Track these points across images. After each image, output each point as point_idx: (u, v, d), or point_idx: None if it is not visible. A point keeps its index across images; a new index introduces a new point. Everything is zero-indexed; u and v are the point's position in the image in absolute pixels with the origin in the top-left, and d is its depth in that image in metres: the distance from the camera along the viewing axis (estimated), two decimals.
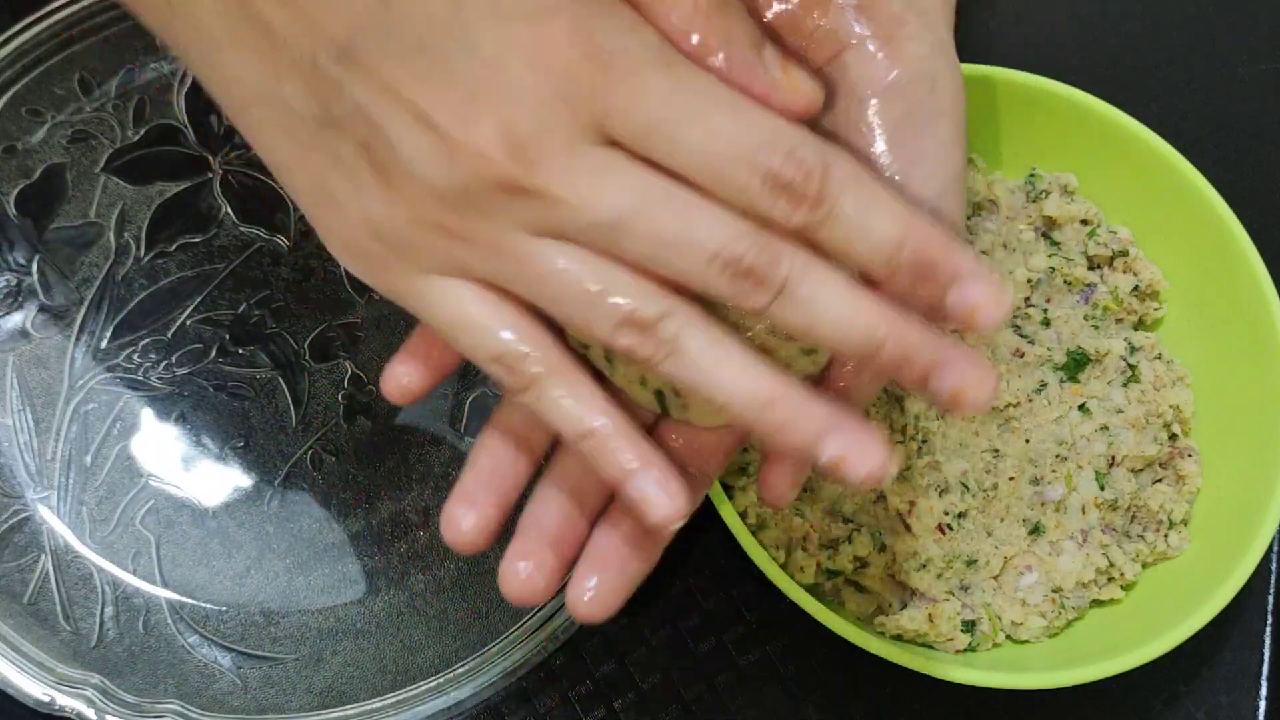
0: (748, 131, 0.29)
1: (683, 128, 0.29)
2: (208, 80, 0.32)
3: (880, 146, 0.34)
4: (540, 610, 0.45)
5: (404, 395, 0.35)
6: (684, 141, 0.29)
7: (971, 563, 0.44)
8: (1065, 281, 0.49)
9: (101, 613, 0.45)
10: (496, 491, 0.34)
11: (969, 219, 0.50)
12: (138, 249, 0.49)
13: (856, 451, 0.30)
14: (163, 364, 0.48)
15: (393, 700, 0.44)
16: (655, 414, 0.35)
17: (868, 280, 0.30)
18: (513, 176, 0.28)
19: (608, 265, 0.30)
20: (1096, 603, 0.46)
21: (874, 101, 0.34)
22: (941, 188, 0.34)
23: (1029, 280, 0.48)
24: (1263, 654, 0.48)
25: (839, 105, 0.34)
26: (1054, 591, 0.45)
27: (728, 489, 0.44)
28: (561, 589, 0.34)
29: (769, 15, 0.35)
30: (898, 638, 0.44)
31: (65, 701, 0.43)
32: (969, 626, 0.44)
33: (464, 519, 0.33)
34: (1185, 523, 0.46)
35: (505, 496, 0.34)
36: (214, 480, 0.47)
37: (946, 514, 0.45)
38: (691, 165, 0.29)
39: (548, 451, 0.35)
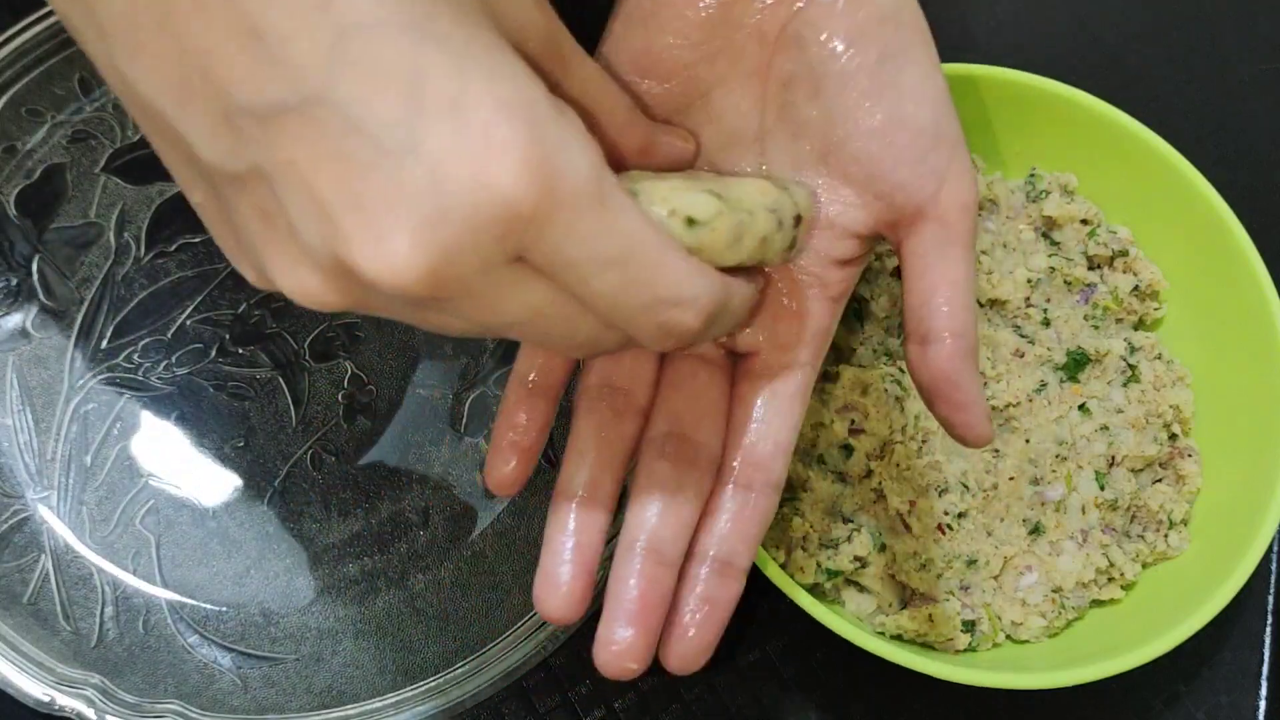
0: (661, 286, 0.28)
1: (601, 273, 0.27)
2: (105, 77, 0.29)
3: (867, 90, 0.35)
4: None
5: (506, 486, 0.37)
6: (597, 285, 0.28)
7: (971, 563, 0.44)
8: (1065, 281, 0.49)
9: (101, 613, 0.45)
10: (584, 563, 0.35)
11: None
12: (138, 249, 0.49)
13: None
14: (163, 364, 0.48)
15: (393, 700, 0.44)
16: None
17: None
18: (413, 293, 0.26)
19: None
20: (1096, 603, 0.46)
21: (848, 50, 0.35)
22: (936, 112, 0.35)
23: (1029, 280, 0.48)
24: (1263, 654, 0.48)
25: (812, 58, 0.35)
26: (1054, 591, 0.45)
27: None
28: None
29: None
30: (898, 638, 0.44)
31: (65, 701, 0.43)
32: (969, 626, 0.44)
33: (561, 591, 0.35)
34: (1185, 523, 0.46)
35: (590, 563, 0.35)
36: (214, 480, 0.47)
37: (946, 514, 0.45)
38: (596, 305, 0.28)
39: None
